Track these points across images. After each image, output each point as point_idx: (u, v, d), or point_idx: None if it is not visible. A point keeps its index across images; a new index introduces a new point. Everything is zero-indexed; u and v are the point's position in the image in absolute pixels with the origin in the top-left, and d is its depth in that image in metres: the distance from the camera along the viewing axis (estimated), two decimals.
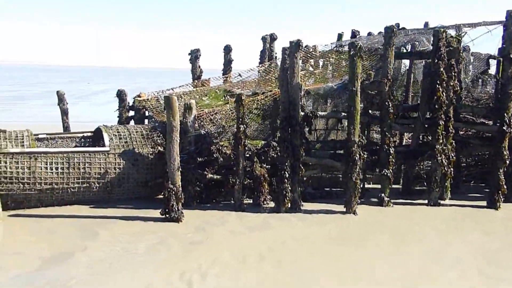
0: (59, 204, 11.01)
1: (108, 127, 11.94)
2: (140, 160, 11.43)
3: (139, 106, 13.30)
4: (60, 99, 15.62)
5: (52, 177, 10.65)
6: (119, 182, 11.26)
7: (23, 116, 29.34)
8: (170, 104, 10.18)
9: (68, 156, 10.83)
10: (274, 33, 15.77)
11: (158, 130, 12.03)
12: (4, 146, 10.55)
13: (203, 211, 11.09)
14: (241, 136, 11.00)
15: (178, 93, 13.71)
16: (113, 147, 11.32)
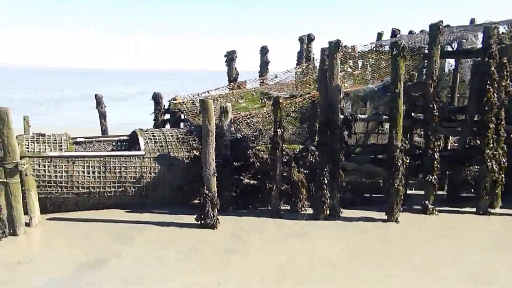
0: (96, 208, 11.01)
1: (143, 131, 11.87)
2: (175, 165, 11.28)
3: (174, 109, 13.18)
4: (98, 102, 15.73)
5: (89, 181, 10.65)
6: (154, 186, 11.15)
7: (61, 119, 30.02)
8: (205, 107, 9.98)
9: (104, 160, 10.80)
10: (311, 33, 15.37)
11: (193, 133, 11.87)
12: (43, 150, 10.61)
13: (238, 218, 10.84)
14: (278, 141, 10.69)
15: (214, 96, 13.53)
16: (149, 151, 11.23)
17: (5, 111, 9.05)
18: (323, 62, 10.98)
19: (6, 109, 9.06)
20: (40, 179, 10.33)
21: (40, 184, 10.31)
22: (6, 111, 9.05)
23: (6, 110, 9.06)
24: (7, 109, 9.08)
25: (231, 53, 14.67)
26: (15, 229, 9.37)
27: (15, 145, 9.31)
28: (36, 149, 10.63)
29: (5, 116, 9.07)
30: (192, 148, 11.51)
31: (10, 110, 9.15)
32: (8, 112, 9.09)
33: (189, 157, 11.40)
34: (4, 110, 9.05)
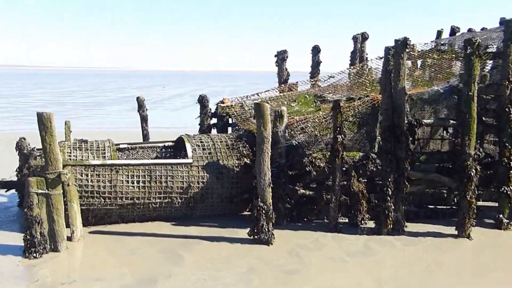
0: (140, 220, 10.28)
1: (190, 137, 11.08)
2: (225, 173, 10.46)
3: (222, 113, 12.36)
4: (140, 105, 15.05)
5: (133, 191, 9.92)
6: (202, 197, 10.35)
7: (102, 122, 29.65)
8: (261, 112, 9.11)
9: (149, 169, 10.05)
10: (365, 32, 14.35)
11: (243, 140, 11.02)
12: (86, 158, 9.95)
13: (294, 232, 9.92)
14: (338, 148, 9.75)
15: (264, 99, 12.68)
16: (196, 158, 10.43)
17: (48, 117, 8.38)
18: (387, 62, 9.97)
19: (49, 115, 8.39)
20: (83, 189, 9.65)
21: (82, 195, 9.63)
22: (49, 116, 8.38)
23: (49, 115, 8.39)
24: (50, 115, 8.40)
25: (282, 53, 13.74)
26: (57, 244, 8.70)
27: (58, 153, 8.64)
28: (78, 156, 9.96)
29: (47, 122, 8.41)
30: (243, 156, 10.66)
31: (53, 115, 8.47)
32: (51, 117, 8.42)
33: (239, 165, 10.55)
34: (46, 116, 8.38)
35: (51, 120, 8.45)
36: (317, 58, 14.27)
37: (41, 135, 8.48)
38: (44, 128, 8.43)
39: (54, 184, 8.62)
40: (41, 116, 8.40)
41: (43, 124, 8.42)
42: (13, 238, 9.32)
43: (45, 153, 8.56)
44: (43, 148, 8.55)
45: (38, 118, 8.43)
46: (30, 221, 8.43)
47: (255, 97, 12.77)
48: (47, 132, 8.45)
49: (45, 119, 8.40)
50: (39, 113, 8.40)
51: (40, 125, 8.44)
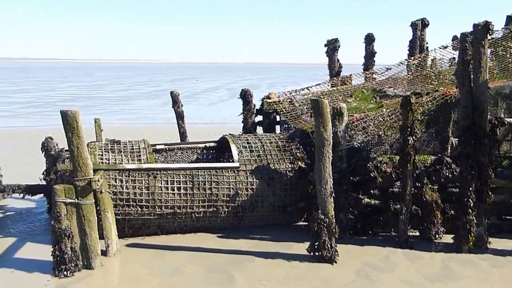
0: (181, 231, 9.11)
1: (235, 137, 9.84)
2: (276, 179, 9.18)
3: (268, 110, 11.07)
4: (175, 101, 13.85)
5: (174, 199, 8.73)
6: (251, 205, 9.11)
7: (134, 118, 28.66)
8: (320, 110, 7.77)
9: (191, 174, 8.85)
10: (425, 18, 12.82)
11: (296, 140, 9.71)
12: (120, 161, 8.81)
13: (359, 247, 8.58)
14: (410, 151, 8.36)
15: (315, 93, 11.35)
16: (244, 162, 9.18)
17: (74, 116, 7.22)
18: (465, 51, 8.52)
19: (74, 113, 7.22)
20: (117, 197, 8.51)
21: (117, 203, 8.49)
22: (74, 115, 7.22)
23: (74, 114, 7.22)
24: (75, 113, 7.24)
25: (333, 42, 12.33)
26: (90, 261, 7.58)
27: (87, 157, 7.49)
28: (111, 159, 8.83)
29: (73, 122, 7.25)
30: (296, 159, 9.37)
31: (79, 113, 7.31)
32: (77, 116, 7.26)
33: (292, 169, 9.27)
34: (72, 114, 7.22)
35: (78, 119, 7.29)
36: (371, 48, 12.81)
37: (67, 136, 7.34)
38: (70, 128, 7.28)
39: (85, 193, 7.49)
40: (65, 115, 7.25)
41: (68, 123, 7.27)
42: (42, 252, 8.25)
43: (73, 157, 7.42)
44: (70, 151, 7.42)
45: (62, 117, 7.28)
46: (58, 234, 7.33)
47: (305, 91, 11.44)
48: (74, 133, 7.29)
49: (70, 117, 7.24)
50: (63, 112, 7.25)
51: (65, 125, 7.30)
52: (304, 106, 10.79)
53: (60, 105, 35.31)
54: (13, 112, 31.26)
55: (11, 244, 8.60)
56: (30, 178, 11.05)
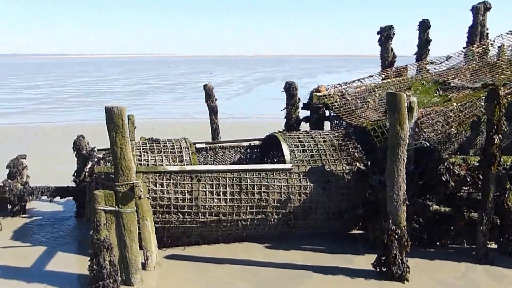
0: (225, 241, 8.18)
1: (285, 135, 8.84)
2: (332, 182, 8.17)
3: (318, 104, 10.03)
4: (208, 95, 12.90)
5: (219, 205, 7.78)
6: (304, 212, 8.12)
7: (152, 113, 27.92)
8: (396, 105, 6.73)
9: (238, 177, 7.89)
10: (487, 1, 11.57)
11: (353, 138, 8.68)
12: (160, 163, 7.88)
13: (428, 262, 7.54)
14: (494, 152, 7.27)
15: (368, 86, 10.28)
16: (296, 163, 8.18)
17: (119, 113, 6.33)
18: None
19: (120, 110, 6.33)
20: (157, 203, 7.60)
21: (156, 210, 7.58)
22: (120, 112, 6.32)
23: (120, 111, 6.33)
24: (121, 110, 6.34)
25: (387, 30, 11.20)
26: (130, 276, 6.69)
27: (131, 159, 6.59)
28: (150, 161, 7.92)
29: (118, 120, 6.35)
30: (354, 159, 8.34)
31: (125, 110, 6.41)
32: (123, 113, 6.37)
33: (350, 171, 8.24)
34: (118, 111, 6.33)
35: (123, 117, 6.39)
36: (426, 36, 11.64)
37: (110, 135, 6.44)
38: (114, 127, 6.38)
39: (126, 199, 6.60)
40: (110, 111, 6.35)
41: (113, 121, 6.37)
42: (73, 263, 7.47)
43: (115, 159, 6.52)
44: (113, 153, 6.51)
45: (106, 114, 6.40)
46: (97, 246, 6.44)
47: (356, 84, 10.36)
48: (118, 132, 6.40)
49: (115, 115, 6.34)
50: (108, 108, 6.36)
51: (109, 123, 6.41)
52: (358, 100, 9.74)
53: (72, 101, 34.83)
54: (24, 109, 30.67)
55: (41, 255, 7.77)
56: (50, 177, 10.30)
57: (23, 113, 28.61)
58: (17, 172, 9.80)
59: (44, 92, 43.42)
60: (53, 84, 55.02)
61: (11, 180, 9.63)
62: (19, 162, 9.89)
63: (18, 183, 9.68)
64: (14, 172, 9.80)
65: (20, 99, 37.17)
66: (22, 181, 9.84)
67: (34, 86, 52.32)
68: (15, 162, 9.85)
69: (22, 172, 9.88)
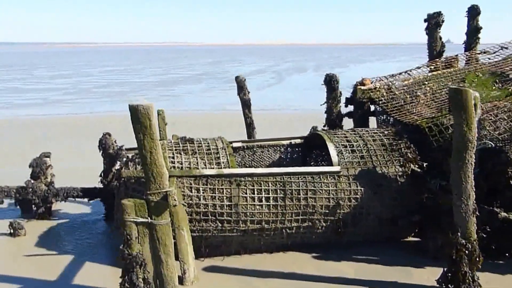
0: (268, 250, 7.45)
1: (330, 133, 8.04)
2: (384, 186, 7.37)
3: (362, 99, 9.20)
4: (241, 87, 12.12)
5: (261, 212, 7.06)
6: (354, 218, 7.35)
7: (180, 105, 27.31)
8: (462, 102, 5.88)
9: (283, 181, 7.15)
10: None
11: (405, 137, 7.84)
12: (195, 165, 7.18)
13: (500, 276, 6.71)
14: None
15: (417, 78, 9.41)
16: (345, 165, 7.40)
17: (146, 112, 5.58)
18: None
19: (147, 108, 5.57)
20: (193, 210, 6.91)
21: (192, 218, 6.90)
22: (147, 111, 5.58)
23: (147, 109, 5.57)
24: (148, 108, 5.59)
25: (436, 16, 10.27)
26: None
27: (163, 164, 5.88)
28: (184, 163, 7.21)
29: (145, 120, 5.61)
30: (407, 160, 7.52)
31: (153, 108, 5.66)
32: (150, 112, 5.61)
33: (403, 174, 7.43)
34: (144, 110, 5.57)
35: (151, 116, 5.64)
36: (476, 23, 10.70)
37: (137, 138, 5.72)
38: (141, 128, 5.65)
39: (159, 209, 5.91)
40: (135, 111, 5.61)
41: (139, 122, 5.63)
42: (105, 276, 6.82)
43: (145, 165, 5.81)
44: (142, 157, 5.81)
45: (131, 113, 5.66)
46: (128, 262, 5.77)
47: (404, 76, 9.49)
48: (146, 134, 5.66)
49: (141, 114, 5.60)
50: (133, 107, 5.61)
51: (135, 123, 5.67)
52: (407, 94, 8.89)
53: (96, 92, 34.33)
54: (46, 100, 30.33)
55: (68, 264, 7.17)
56: (75, 173, 9.72)
57: (45, 104, 28.31)
58: (40, 171, 9.22)
59: (68, 82, 43.17)
60: (78, 74, 54.84)
61: (35, 181, 9.08)
62: (43, 161, 9.31)
63: (42, 184, 9.11)
64: (38, 171, 9.23)
65: (44, 89, 36.96)
66: (46, 181, 9.26)
67: (59, 75, 52.23)
68: (38, 161, 9.27)
69: (46, 171, 9.30)
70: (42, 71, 60.02)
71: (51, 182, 9.22)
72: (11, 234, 8.29)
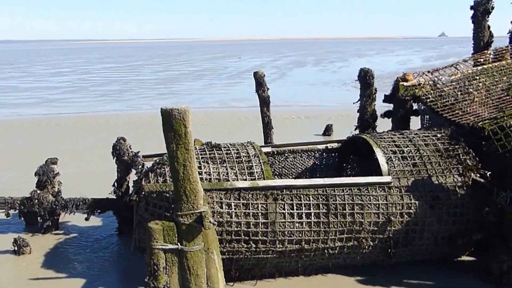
0: (306, 272, 6.51)
1: (376, 137, 7.06)
2: (442, 199, 6.40)
3: (405, 96, 8.21)
4: (259, 83, 11.20)
5: (300, 231, 6.11)
6: (407, 237, 6.39)
7: (184, 102, 26.28)
8: None
9: (325, 194, 6.19)
10: None
11: (461, 141, 6.86)
12: (225, 176, 6.22)
13: None
14: None
15: (465, 73, 8.41)
16: (396, 174, 6.43)
17: (181, 117, 4.66)
18: None
19: (183, 113, 4.65)
20: (223, 229, 5.95)
21: (222, 238, 5.95)
22: (182, 116, 4.65)
23: (183, 114, 4.66)
24: (184, 113, 4.67)
25: (484, 3, 9.23)
26: None
27: (197, 180, 4.95)
28: (213, 174, 6.25)
29: (180, 127, 4.69)
30: (467, 169, 6.54)
31: (189, 113, 4.72)
32: (186, 117, 4.70)
33: (463, 184, 6.46)
34: (179, 114, 4.66)
35: (187, 122, 4.71)
36: None
37: (169, 148, 4.79)
38: (174, 137, 4.71)
39: (192, 234, 4.99)
40: (168, 116, 4.67)
41: (172, 129, 4.69)
42: None
43: (177, 181, 4.87)
44: (174, 172, 4.87)
45: (163, 119, 4.73)
46: None
47: (451, 70, 8.49)
48: (180, 144, 4.73)
49: (176, 120, 4.66)
50: (166, 111, 4.68)
51: (167, 131, 4.73)
52: (457, 91, 7.90)
53: (94, 90, 33.32)
54: (43, 99, 29.23)
55: None
56: (82, 178, 8.78)
57: (44, 103, 27.33)
58: (47, 180, 8.27)
59: (67, 80, 42.17)
60: (77, 71, 53.87)
61: (41, 191, 8.14)
62: (50, 169, 8.36)
63: (49, 194, 8.18)
64: (44, 180, 8.28)
65: (42, 87, 35.98)
66: (54, 191, 8.32)
67: (57, 73, 51.27)
68: (45, 169, 8.32)
69: (53, 180, 8.35)
70: (41, 69, 59.04)
71: (59, 192, 8.29)
72: (15, 251, 7.38)
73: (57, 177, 8.45)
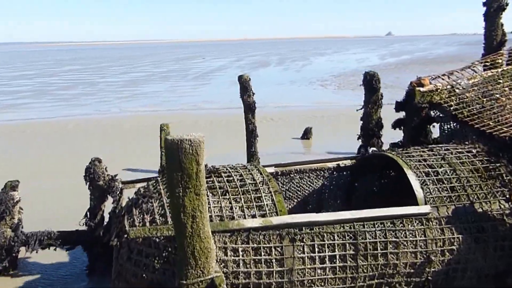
0: None
1: (403, 155, 5.92)
2: (488, 230, 5.34)
3: (422, 103, 7.12)
4: (245, 88, 10.21)
5: (324, 279, 4.91)
6: (447, 278, 5.30)
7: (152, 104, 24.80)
8: None
9: (353, 230, 5.01)
10: None
11: (501, 157, 5.81)
12: (228, 212, 4.93)
13: None
14: None
15: (485, 77, 7.41)
16: (434, 202, 5.32)
17: (195, 151, 3.39)
18: None
19: (196, 146, 3.38)
20: (229, 281, 4.65)
21: None
22: (196, 150, 3.39)
23: (196, 146, 3.39)
24: (197, 145, 3.40)
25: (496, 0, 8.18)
26: None
27: (209, 236, 3.69)
28: (213, 209, 4.95)
29: (191, 164, 3.44)
30: None
31: (203, 145, 3.44)
32: (200, 150, 3.41)
33: (511, 211, 5.42)
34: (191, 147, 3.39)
35: (200, 158, 3.44)
36: None
37: (173, 192, 3.51)
38: (182, 178, 3.43)
39: None
40: (176, 150, 3.41)
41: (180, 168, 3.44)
42: None
43: (183, 238, 3.58)
44: (178, 226, 3.60)
45: (168, 153, 3.46)
46: None
47: (469, 73, 7.46)
48: (189, 188, 3.47)
49: (186, 156, 3.40)
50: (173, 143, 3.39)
51: (171, 170, 3.46)
52: (482, 96, 6.88)
53: (59, 94, 31.35)
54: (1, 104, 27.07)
55: None
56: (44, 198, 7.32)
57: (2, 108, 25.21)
58: (5, 211, 6.70)
59: (29, 84, 39.68)
60: (41, 74, 51.08)
61: None
62: (9, 197, 6.78)
63: (7, 228, 6.66)
64: (2, 211, 6.72)
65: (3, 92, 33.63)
66: (13, 223, 6.76)
67: (20, 76, 48.46)
68: (2, 198, 6.73)
69: (12, 210, 6.78)
70: (4, 72, 55.79)
71: (19, 223, 6.75)
72: None
73: (17, 206, 6.91)
